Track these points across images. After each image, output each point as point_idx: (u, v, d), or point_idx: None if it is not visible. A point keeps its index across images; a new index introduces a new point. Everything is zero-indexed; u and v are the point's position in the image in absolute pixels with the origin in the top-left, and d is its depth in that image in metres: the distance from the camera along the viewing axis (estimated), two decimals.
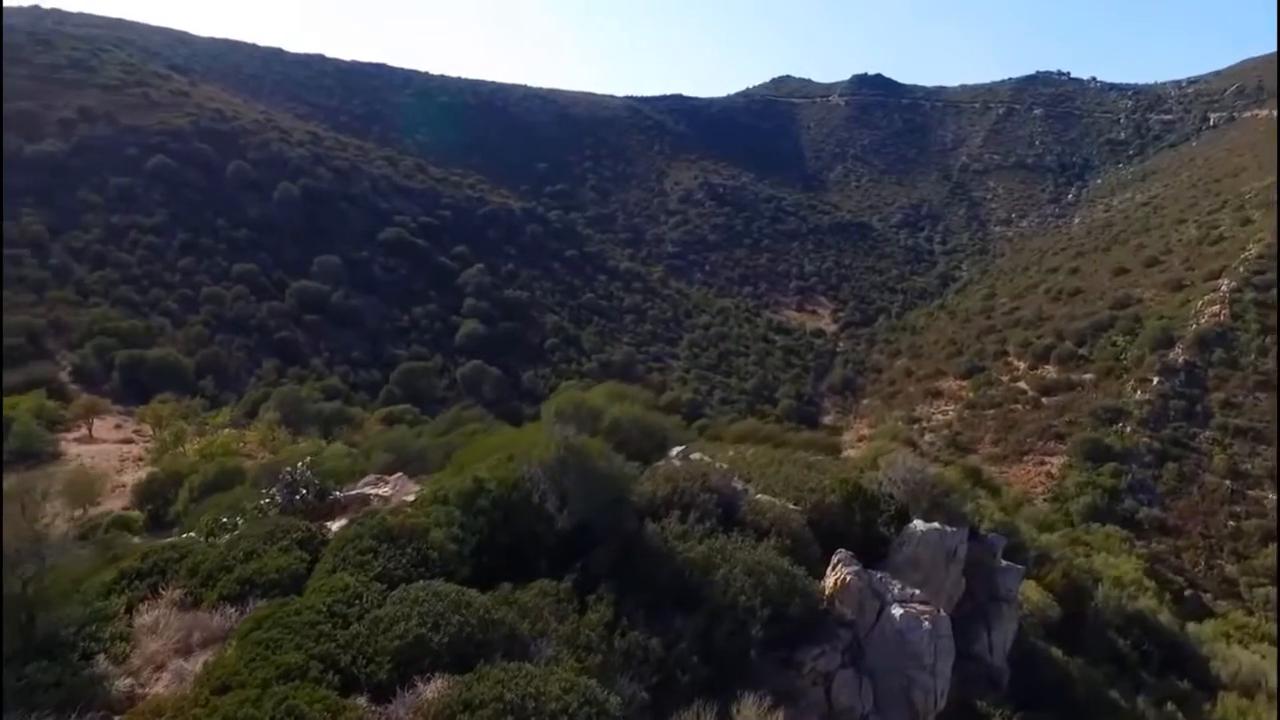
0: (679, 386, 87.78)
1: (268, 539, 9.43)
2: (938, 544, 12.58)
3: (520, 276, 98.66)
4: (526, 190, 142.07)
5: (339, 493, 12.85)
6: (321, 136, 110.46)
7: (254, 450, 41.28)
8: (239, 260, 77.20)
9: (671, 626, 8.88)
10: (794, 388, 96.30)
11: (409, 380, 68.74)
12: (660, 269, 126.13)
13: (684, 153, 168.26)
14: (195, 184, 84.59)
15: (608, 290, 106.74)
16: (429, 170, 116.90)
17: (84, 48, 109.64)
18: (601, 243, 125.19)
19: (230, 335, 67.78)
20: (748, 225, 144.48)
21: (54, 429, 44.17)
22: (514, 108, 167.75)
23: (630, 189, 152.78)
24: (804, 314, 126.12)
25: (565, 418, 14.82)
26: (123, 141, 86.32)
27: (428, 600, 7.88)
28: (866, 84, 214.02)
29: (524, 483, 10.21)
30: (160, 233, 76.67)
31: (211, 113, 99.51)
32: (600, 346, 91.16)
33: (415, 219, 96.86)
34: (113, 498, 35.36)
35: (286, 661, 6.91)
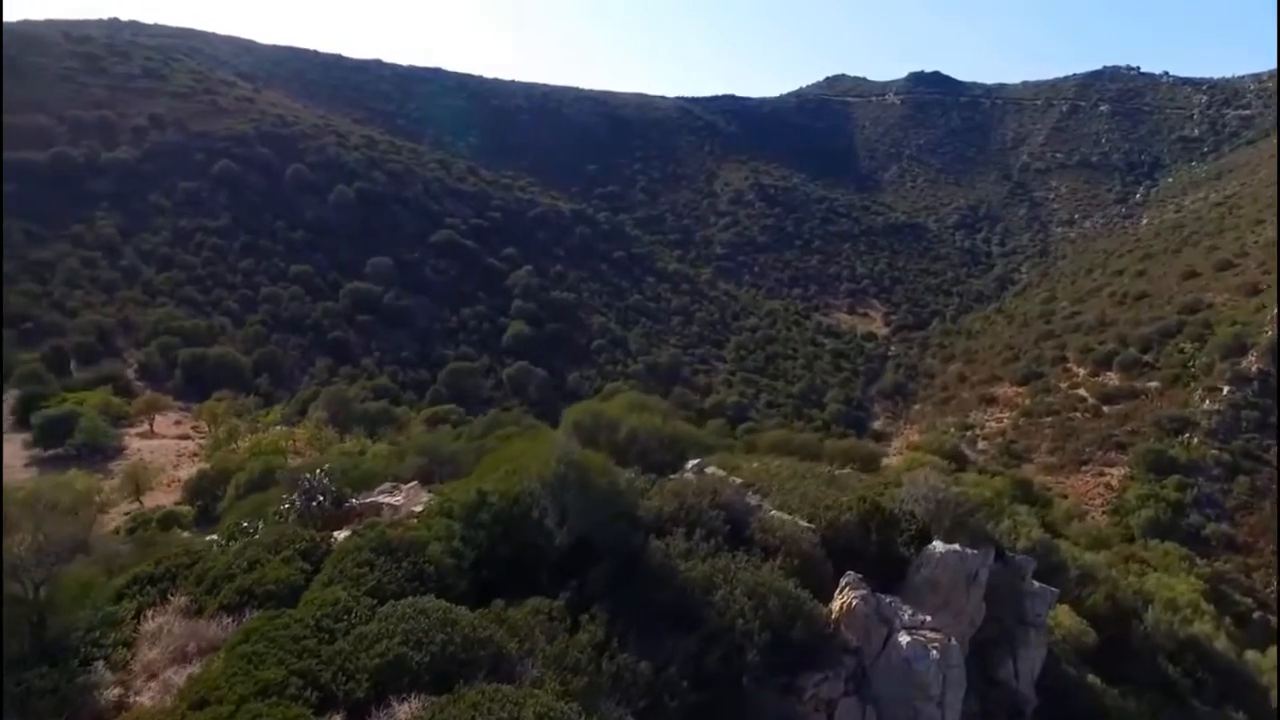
0: (724, 389, 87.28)
1: (272, 548, 9.63)
2: (958, 566, 12.14)
3: (568, 278, 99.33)
4: (577, 192, 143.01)
5: (355, 500, 13.06)
6: (377, 140, 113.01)
7: (302, 448, 42.49)
8: (296, 261, 79.60)
9: (664, 649, 8.74)
10: (843, 392, 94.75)
11: (456, 380, 69.84)
12: (709, 270, 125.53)
13: (734, 153, 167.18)
14: (257, 187, 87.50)
15: (655, 292, 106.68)
16: (480, 173, 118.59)
17: (157, 57, 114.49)
18: (650, 244, 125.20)
19: (286, 334, 69.96)
20: (798, 226, 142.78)
21: (118, 424, 46.26)
22: (566, 110, 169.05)
23: (680, 190, 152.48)
24: (855, 317, 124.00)
25: (583, 428, 14.81)
26: (191, 147, 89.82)
27: (412, 617, 7.92)
28: (924, 82, 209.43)
29: (525, 497, 10.20)
30: (223, 235, 79.57)
31: (273, 118, 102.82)
32: (646, 348, 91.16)
33: (466, 221, 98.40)
34: (169, 492, 36.82)
35: (266, 678, 7.02)
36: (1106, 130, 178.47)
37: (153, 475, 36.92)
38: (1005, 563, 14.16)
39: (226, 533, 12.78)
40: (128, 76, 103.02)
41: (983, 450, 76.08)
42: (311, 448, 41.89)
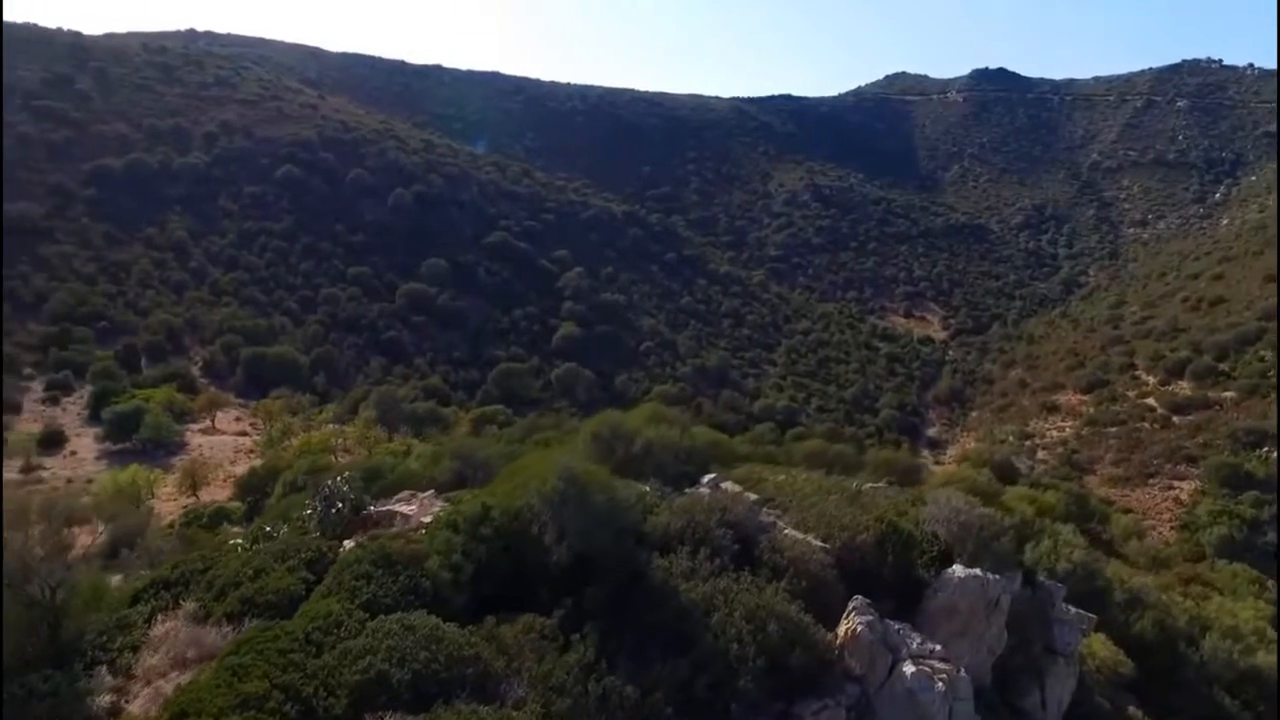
0: (774, 394, 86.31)
1: (280, 557, 9.86)
2: (978, 592, 11.69)
3: (619, 280, 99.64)
4: (630, 193, 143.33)
5: (373, 508, 13.29)
6: (435, 144, 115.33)
7: (352, 447, 43.60)
8: (354, 263, 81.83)
9: (655, 672, 8.63)
10: (896, 397, 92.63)
11: (505, 381, 70.72)
12: (761, 273, 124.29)
13: (790, 154, 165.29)
14: (318, 191, 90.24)
15: (706, 294, 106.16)
16: (535, 175, 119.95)
17: (228, 66, 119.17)
18: (702, 246, 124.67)
19: (343, 334, 71.98)
20: (854, 228, 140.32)
21: (182, 420, 48.26)
22: (621, 111, 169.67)
23: (733, 191, 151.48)
24: (911, 320, 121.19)
25: (600, 439, 14.78)
26: (257, 152, 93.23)
27: (398, 633, 7.99)
28: (987, 79, 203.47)
29: (525, 512, 10.21)
30: (286, 237, 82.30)
31: (336, 124, 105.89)
32: (695, 351, 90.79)
33: (520, 223, 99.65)
34: (224, 488, 38.15)
35: (248, 690, 7.19)
36: (1184, 126, 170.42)
37: (209, 471, 38.43)
38: (1034, 588, 13.59)
39: (250, 536, 13.15)
40: (201, 85, 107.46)
41: (1042, 460, 73.43)
42: (361, 447, 42.99)
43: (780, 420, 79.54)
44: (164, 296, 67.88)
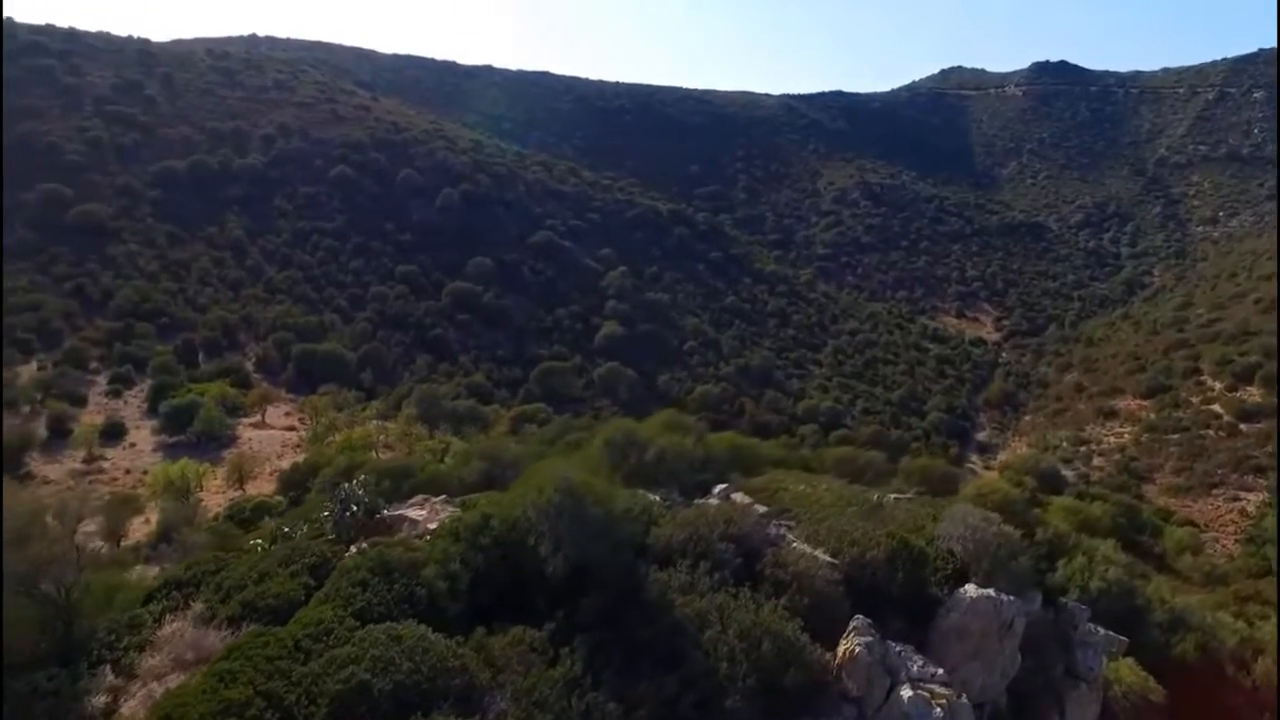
0: (818, 395, 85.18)
1: (285, 561, 10.11)
2: (990, 613, 11.33)
3: (663, 279, 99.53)
4: (677, 192, 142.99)
5: (387, 511, 13.52)
6: (484, 144, 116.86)
7: (393, 443, 44.49)
8: (403, 262, 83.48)
9: (639, 688, 8.58)
10: (946, 400, 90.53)
11: (547, 379, 71.29)
12: (809, 272, 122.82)
13: (840, 151, 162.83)
14: (369, 191, 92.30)
15: (751, 293, 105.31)
16: (581, 174, 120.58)
17: (286, 70, 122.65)
18: (748, 244, 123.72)
19: (391, 331, 73.49)
20: (905, 226, 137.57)
21: (234, 414, 49.90)
22: (669, 110, 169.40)
23: (782, 189, 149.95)
24: (963, 321, 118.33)
25: (614, 447, 14.78)
26: (312, 154, 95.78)
27: (384, 643, 8.11)
28: (1048, 72, 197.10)
29: (523, 523, 10.26)
30: (338, 236, 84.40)
31: (388, 125, 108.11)
32: (739, 351, 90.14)
33: (565, 222, 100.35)
34: (270, 481, 39.32)
35: (232, 696, 7.38)
36: (1260, 119, 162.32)
37: (255, 465, 39.68)
38: (1056, 609, 13.11)
39: (269, 536, 13.51)
40: (260, 89, 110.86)
41: (1098, 467, 70.97)
42: (402, 444, 43.85)
43: (824, 422, 78.50)
44: (221, 294, 70.27)
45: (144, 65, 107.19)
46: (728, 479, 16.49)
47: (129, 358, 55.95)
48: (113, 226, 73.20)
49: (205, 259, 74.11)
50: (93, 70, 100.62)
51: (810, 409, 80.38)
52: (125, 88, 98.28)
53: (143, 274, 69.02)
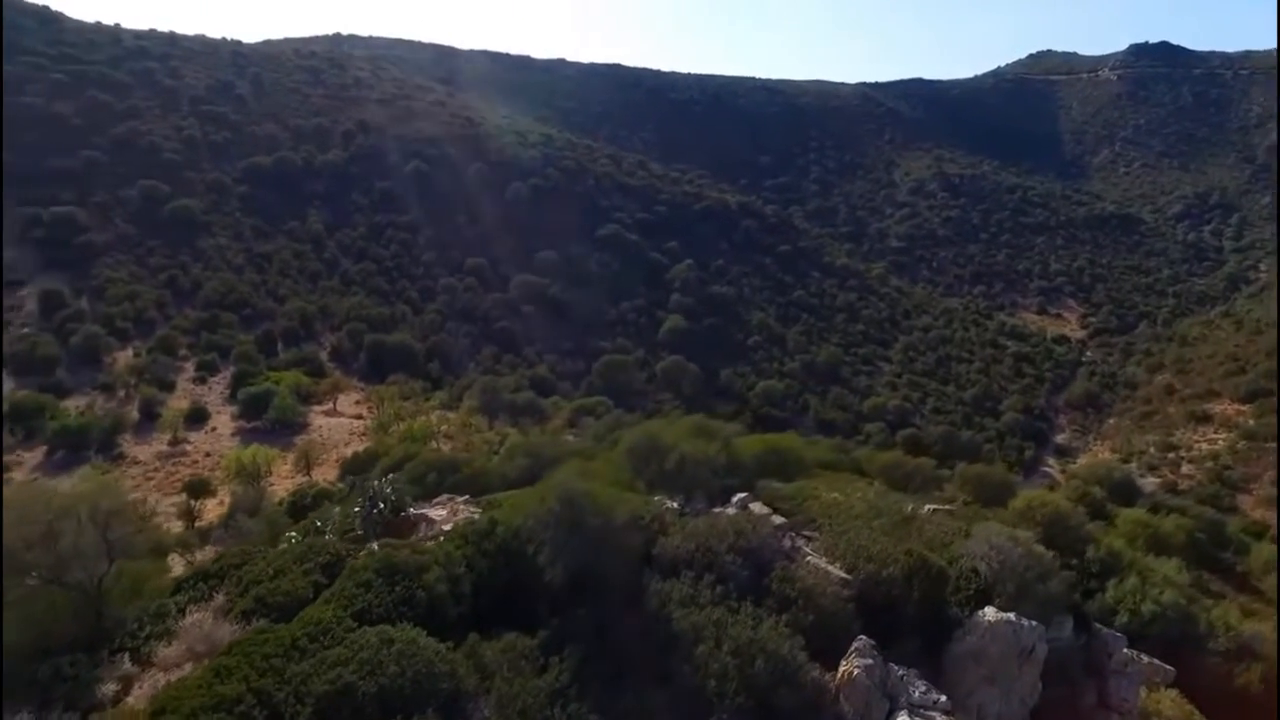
0: (886, 392, 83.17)
1: (300, 558, 10.55)
2: (1009, 638, 10.89)
3: (730, 272, 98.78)
4: (747, 184, 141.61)
5: (412, 510, 13.93)
6: (555, 138, 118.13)
7: (454, 434, 45.66)
8: (472, 254, 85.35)
9: (626, 702, 8.61)
10: (1022, 400, 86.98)
11: (609, 373, 71.77)
12: (881, 266, 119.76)
13: (918, 140, 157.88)
14: (442, 185, 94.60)
15: (820, 287, 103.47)
16: (650, 167, 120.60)
17: (367, 68, 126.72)
18: (819, 237, 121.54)
19: (459, 323, 75.32)
20: (985, 218, 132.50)
21: (308, 402, 52.10)
22: (741, 101, 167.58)
23: (855, 181, 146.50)
24: (1045, 318, 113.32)
25: (637, 452, 14.83)
26: (388, 149, 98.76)
27: (374, 645, 8.37)
28: (1147, 54, 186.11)
29: (524, 530, 10.42)
30: (411, 229, 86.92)
31: (462, 120, 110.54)
32: (805, 346, 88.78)
33: (632, 215, 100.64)
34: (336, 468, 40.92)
35: (224, 692, 7.77)
36: None
37: (323, 451, 41.38)
38: (1089, 635, 12.49)
39: (302, 530, 14.12)
40: (342, 86, 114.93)
41: (1187, 475, 67.08)
42: (462, 435, 44.97)
43: (891, 421, 76.63)
44: (300, 285, 73.34)
45: (236, 66, 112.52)
46: (756, 485, 16.34)
47: (214, 346, 59.06)
48: (203, 221, 77.25)
49: (287, 252, 77.43)
50: (189, 72, 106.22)
51: (877, 407, 78.60)
52: (218, 88, 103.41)
53: (229, 266, 72.66)
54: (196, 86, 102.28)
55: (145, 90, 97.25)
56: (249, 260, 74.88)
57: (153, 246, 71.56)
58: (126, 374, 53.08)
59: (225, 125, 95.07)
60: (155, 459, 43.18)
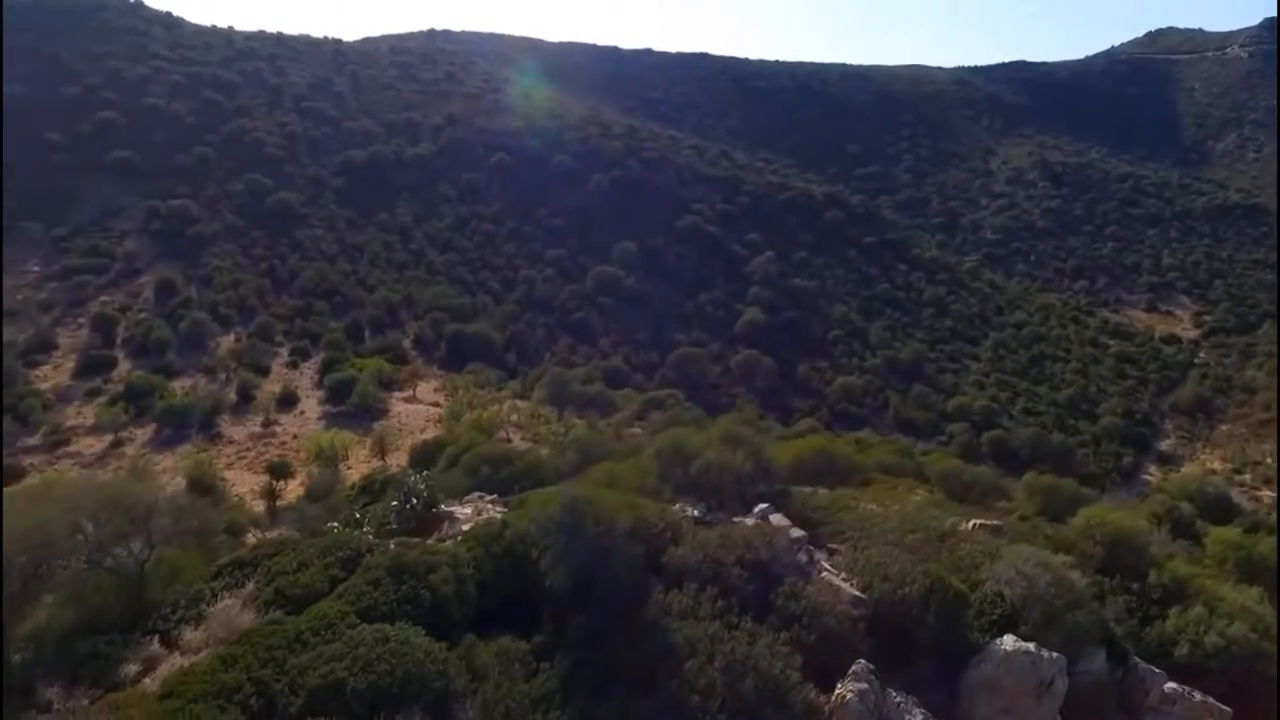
0: (973, 391, 79.92)
1: (323, 552, 11.13)
2: (1026, 669, 10.42)
3: (812, 264, 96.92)
4: (835, 173, 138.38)
5: (443, 506, 14.43)
6: (637, 129, 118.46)
7: (523, 423, 46.73)
8: (553, 246, 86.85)
9: (610, 712, 8.73)
10: (1123, 403, 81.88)
11: (683, 365, 71.79)
12: (974, 259, 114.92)
13: (1018, 127, 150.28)
14: (525, 177, 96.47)
15: (907, 281, 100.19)
16: (733, 157, 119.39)
17: (458, 62, 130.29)
18: (908, 229, 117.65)
19: (537, 314, 76.87)
20: (1090, 209, 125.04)
21: (389, 389, 54.35)
22: (830, 89, 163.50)
23: (949, 170, 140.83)
24: (1154, 316, 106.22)
25: (664, 457, 14.89)
26: (475, 142, 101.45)
27: (369, 643, 8.77)
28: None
29: (529, 536, 10.66)
30: (494, 221, 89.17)
31: (545, 112, 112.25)
32: (888, 342, 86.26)
33: (713, 206, 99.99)
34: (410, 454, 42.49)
35: (226, 680, 8.31)
36: None
37: (399, 438, 43.17)
38: (1125, 669, 11.79)
39: (344, 520, 14.85)
40: (433, 81, 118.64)
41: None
42: (531, 424, 45.99)
43: (977, 421, 73.70)
44: (388, 275, 76.45)
45: (336, 64, 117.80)
46: (791, 493, 16.13)
47: (307, 333, 62.39)
48: (301, 213, 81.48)
49: (376, 243, 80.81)
50: (293, 71, 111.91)
51: (962, 407, 75.68)
52: (319, 85, 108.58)
53: (324, 256, 76.45)
54: (299, 85, 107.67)
55: (253, 89, 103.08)
56: (342, 250, 78.55)
57: (255, 237, 76.02)
58: (227, 358, 56.75)
59: (324, 121, 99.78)
60: (248, 439, 46.07)
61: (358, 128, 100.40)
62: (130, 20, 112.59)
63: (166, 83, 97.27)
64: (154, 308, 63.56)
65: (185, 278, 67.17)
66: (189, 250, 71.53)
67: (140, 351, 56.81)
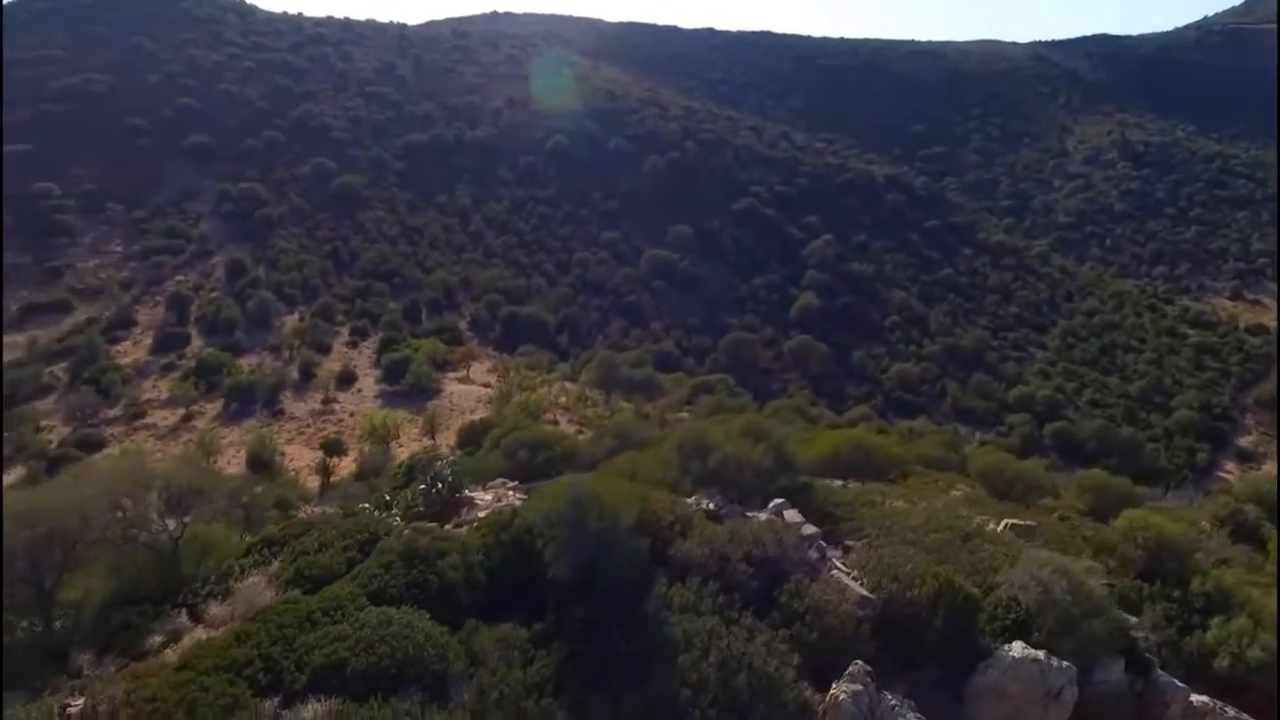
0: (1037, 381, 77.31)
1: (343, 535, 11.61)
2: (1034, 678, 10.21)
3: (871, 248, 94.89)
4: (899, 154, 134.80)
5: (468, 492, 14.83)
6: (696, 110, 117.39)
7: (571, 406, 47.32)
8: (607, 228, 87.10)
9: (600, 702, 8.92)
10: (1200, 397, 77.94)
11: (735, 350, 71.41)
12: (1045, 243, 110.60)
13: (1097, 104, 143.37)
14: (582, 160, 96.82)
15: (970, 266, 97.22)
16: (793, 138, 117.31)
17: (518, 44, 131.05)
18: (974, 212, 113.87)
19: (590, 296, 77.39)
20: (1174, 191, 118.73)
21: (444, 369, 55.64)
22: (896, 66, 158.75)
23: (1020, 150, 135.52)
24: (1241, 305, 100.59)
25: (684, 449, 14.99)
26: (533, 125, 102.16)
27: (372, 625, 9.16)
28: None
29: (534, 526, 10.90)
30: (550, 204, 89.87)
31: (604, 94, 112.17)
32: (949, 328, 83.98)
33: (771, 188, 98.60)
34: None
35: (237, 655, 8.80)
36: None
37: (450, 418, 44.28)
38: (1146, 681, 11.41)
39: (375, 502, 15.42)
40: (493, 64, 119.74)
41: None
42: (578, 407, 46.54)
43: (1040, 412, 71.38)
44: (446, 257, 77.97)
45: (399, 48, 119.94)
46: (811, 487, 16.02)
47: (366, 313, 64.28)
48: (364, 195, 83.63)
49: (436, 225, 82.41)
50: (359, 55, 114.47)
51: (1025, 397, 73.30)
52: (383, 69, 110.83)
53: (385, 238, 78.43)
54: (364, 69, 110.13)
55: (320, 74, 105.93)
56: (402, 233, 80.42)
57: (320, 219, 78.46)
58: (291, 337, 58.97)
59: (387, 105, 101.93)
60: (308, 415, 47.92)
61: (419, 111, 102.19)
62: (208, 9, 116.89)
63: (239, 69, 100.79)
64: (224, 287, 66.41)
65: (254, 258, 69.90)
66: (258, 232, 74.35)
67: (211, 329, 59.53)
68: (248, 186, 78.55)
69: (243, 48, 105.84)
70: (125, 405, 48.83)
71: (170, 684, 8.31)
